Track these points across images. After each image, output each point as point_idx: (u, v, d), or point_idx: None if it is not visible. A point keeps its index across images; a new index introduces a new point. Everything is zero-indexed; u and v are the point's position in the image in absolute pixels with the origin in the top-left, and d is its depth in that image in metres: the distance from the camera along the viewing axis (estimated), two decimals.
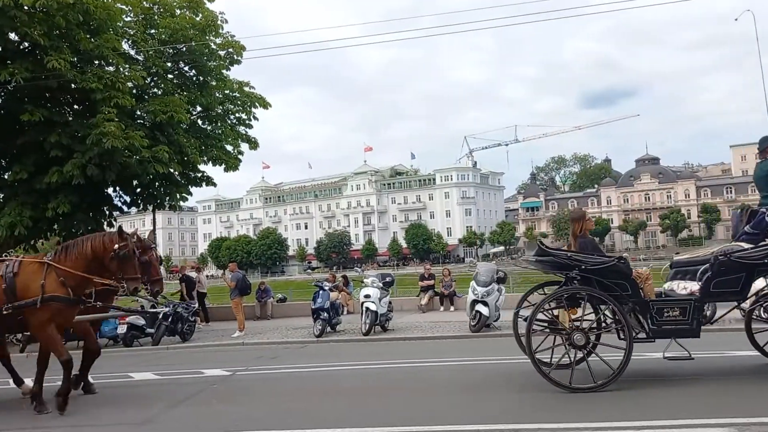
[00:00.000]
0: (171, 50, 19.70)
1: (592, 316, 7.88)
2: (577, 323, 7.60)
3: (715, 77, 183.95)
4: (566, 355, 7.60)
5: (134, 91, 18.54)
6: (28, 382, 8.91)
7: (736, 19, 15.24)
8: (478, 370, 9.52)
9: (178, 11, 19.98)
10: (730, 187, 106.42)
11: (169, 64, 20.08)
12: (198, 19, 20.10)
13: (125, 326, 15.96)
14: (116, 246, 8.05)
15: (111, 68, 17.74)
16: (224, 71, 21.19)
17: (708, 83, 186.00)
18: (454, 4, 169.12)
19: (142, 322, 16.25)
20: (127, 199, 20.71)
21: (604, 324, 7.92)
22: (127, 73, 17.77)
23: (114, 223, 21.41)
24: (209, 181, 21.46)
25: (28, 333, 15.67)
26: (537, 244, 8.39)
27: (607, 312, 7.85)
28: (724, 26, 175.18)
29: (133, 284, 8.23)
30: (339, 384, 9.25)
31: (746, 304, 8.08)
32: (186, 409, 8.08)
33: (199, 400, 8.56)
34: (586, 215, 8.58)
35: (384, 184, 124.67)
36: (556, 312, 7.81)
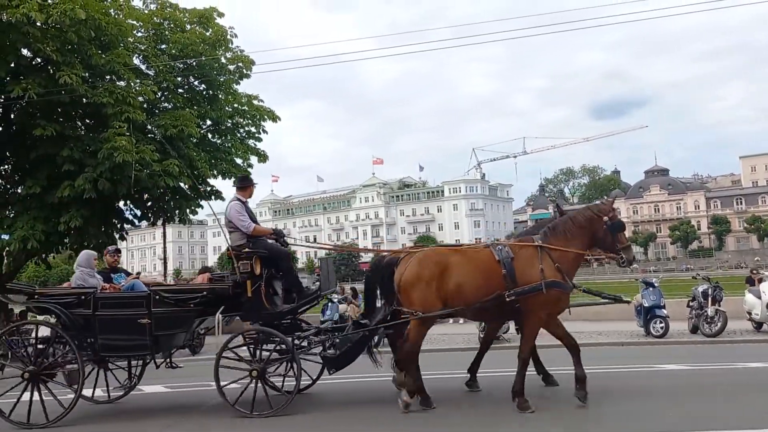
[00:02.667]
0: (181, 65, 19.88)
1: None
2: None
3: (725, 88, 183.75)
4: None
5: (145, 105, 18.71)
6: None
7: None
8: (487, 382, 9.49)
9: (188, 27, 20.20)
10: (740, 198, 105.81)
11: (179, 79, 20.26)
12: (208, 34, 20.32)
13: None
14: (606, 216, 7.78)
15: (122, 83, 17.91)
16: (234, 85, 21.36)
17: (717, 94, 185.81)
18: (463, 16, 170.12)
19: None
20: (138, 212, 20.84)
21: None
22: (138, 88, 17.95)
23: (125, 236, 21.55)
24: (218, 195, 21.56)
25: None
26: None
27: None
28: (733, 37, 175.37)
29: (630, 254, 7.85)
30: (348, 397, 9.25)
31: None
32: (197, 421, 8.11)
33: (210, 412, 8.58)
34: None
35: (392, 197, 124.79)
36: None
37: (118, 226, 20.59)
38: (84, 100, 17.45)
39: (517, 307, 7.67)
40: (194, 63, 19.86)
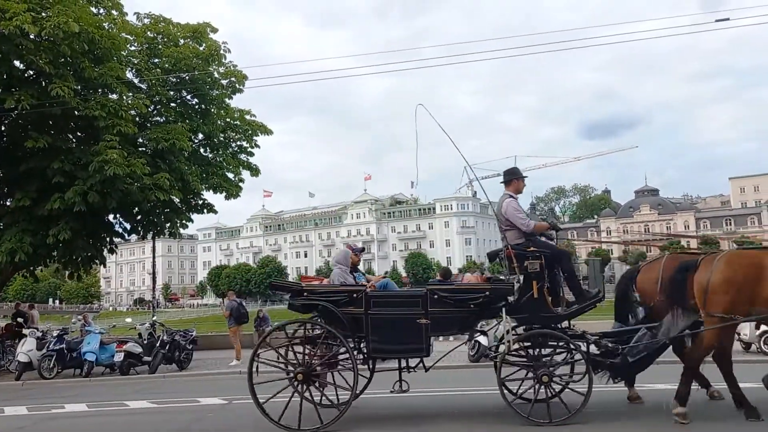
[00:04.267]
0: (174, 79, 19.92)
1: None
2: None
3: (714, 109, 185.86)
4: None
5: (137, 118, 18.70)
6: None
7: None
8: (476, 400, 9.45)
9: (181, 41, 20.27)
10: (730, 219, 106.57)
11: (171, 93, 20.30)
12: (201, 48, 20.38)
13: (122, 354, 15.84)
14: None
15: (114, 96, 17.92)
16: (226, 100, 21.40)
17: (707, 115, 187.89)
18: (455, 35, 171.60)
19: (139, 349, 16.16)
20: (128, 226, 20.74)
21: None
22: (130, 101, 17.96)
23: (114, 249, 21.46)
24: (210, 208, 21.52)
25: (24, 361, 15.73)
26: None
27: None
28: (721, 59, 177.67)
29: None
30: (333, 413, 9.16)
31: None
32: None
33: (195, 429, 8.49)
34: None
35: (384, 213, 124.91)
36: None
37: (108, 239, 20.49)
38: (76, 112, 17.44)
39: None
40: (187, 77, 19.91)
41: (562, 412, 7.30)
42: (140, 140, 19.00)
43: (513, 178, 8.43)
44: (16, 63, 16.94)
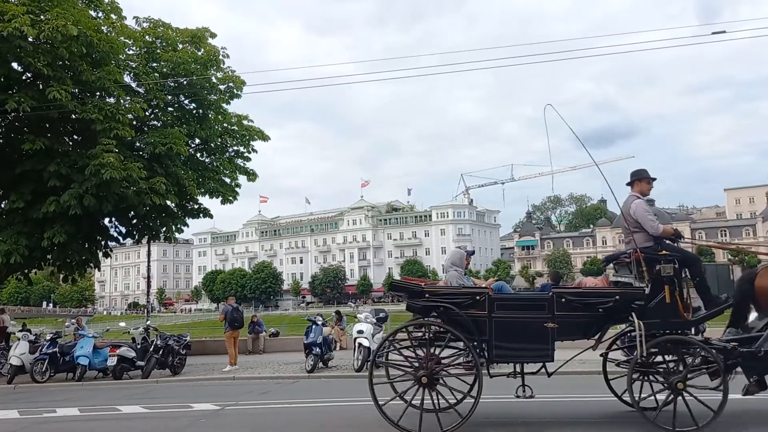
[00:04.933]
0: (172, 83, 19.94)
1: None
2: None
3: (710, 121, 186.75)
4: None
5: (134, 122, 18.71)
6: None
7: None
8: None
9: (180, 46, 20.29)
10: (725, 230, 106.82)
11: (169, 97, 20.30)
12: (200, 53, 20.41)
13: (115, 358, 15.76)
14: None
15: (112, 100, 17.94)
16: (224, 105, 21.42)
17: (703, 127, 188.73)
18: (453, 43, 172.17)
19: (132, 354, 16.08)
20: (123, 230, 20.74)
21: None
22: (127, 105, 17.97)
23: (110, 253, 21.41)
24: (206, 213, 21.51)
25: (17, 365, 15.65)
26: None
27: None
28: (717, 71, 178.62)
29: None
30: (328, 421, 9.14)
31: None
32: None
33: None
34: None
35: (380, 220, 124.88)
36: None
37: (103, 243, 20.45)
38: (73, 115, 17.46)
39: None
40: (185, 82, 19.93)
41: (688, 422, 6.99)
42: (137, 144, 19.00)
43: (638, 179, 8.22)
44: (14, 65, 16.93)
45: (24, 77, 17.74)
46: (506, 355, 7.59)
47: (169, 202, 18.89)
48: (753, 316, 8.13)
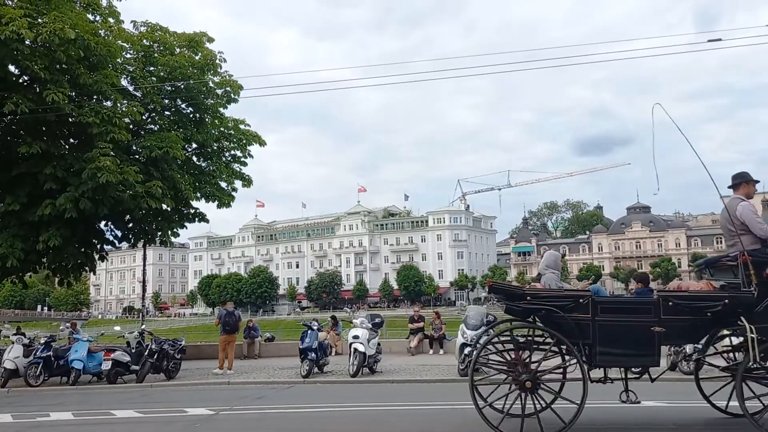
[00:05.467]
0: (169, 87, 19.93)
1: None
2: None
3: (707, 129, 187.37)
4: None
5: (131, 126, 18.70)
6: None
7: None
8: (466, 415, 9.40)
9: (177, 50, 20.30)
10: (721, 238, 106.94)
11: (166, 101, 20.31)
12: (197, 58, 20.42)
13: (110, 362, 15.69)
14: None
15: (109, 103, 17.92)
16: (221, 109, 21.43)
17: (700, 135, 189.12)
18: (451, 49, 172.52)
19: (127, 358, 16.03)
20: (119, 233, 20.68)
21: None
22: (124, 109, 17.96)
23: (105, 257, 21.35)
24: (202, 218, 21.49)
25: (10, 368, 15.58)
26: None
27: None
28: (714, 79, 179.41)
29: None
30: (323, 426, 9.13)
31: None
32: None
33: None
34: None
35: (377, 225, 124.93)
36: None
37: (98, 246, 20.40)
38: (70, 119, 17.42)
39: None
40: (182, 86, 19.93)
41: None
42: (134, 148, 18.99)
43: (743, 182, 7.98)
44: (11, 68, 16.92)
45: (21, 80, 17.72)
46: (610, 360, 7.45)
47: (165, 206, 18.86)
48: None
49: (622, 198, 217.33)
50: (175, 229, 20.86)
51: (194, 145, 21.08)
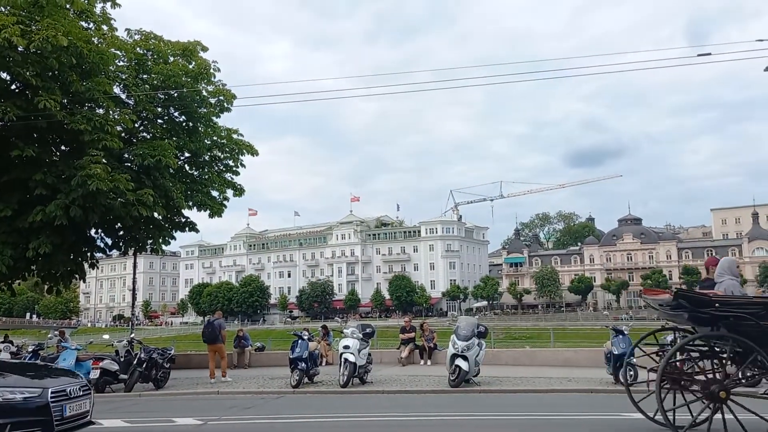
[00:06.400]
0: (162, 96, 19.91)
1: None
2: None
3: (697, 142, 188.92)
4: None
5: (123, 134, 18.64)
6: None
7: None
8: (456, 426, 9.39)
9: (171, 58, 20.29)
10: (711, 250, 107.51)
11: (159, 109, 20.27)
12: (191, 66, 20.42)
13: (98, 371, 15.58)
14: None
15: (101, 111, 17.87)
16: (214, 118, 21.40)
17: (690, 147, 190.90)
18: (444, 61, 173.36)
19: (115, 367, 15.92)
20: (109, 241, 20.58)
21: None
22: (116, 116, 17.91)
23: (96, 265, 21.22)
24: (193, 227, 21.42)
25: None
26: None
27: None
28: (704, 92, 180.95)
29: None
30: None
31: None
32: None
33: None
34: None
35: (369, 235, 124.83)
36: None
37: (89, 254, 20.29)
38: (63, 126, 17.36)
39: None
40: (175, 94, 19.91)
41: None
42: (126, 155, 18.93)
43: None
44: (2, 75, 16.87)
45: (12, 87, 17.66)
46: None
47: (156, 214, 18.79)
48: None
49: (614, 210, 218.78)
50: (166, 238, 20.78)
51: (187, 154, 21.03)
